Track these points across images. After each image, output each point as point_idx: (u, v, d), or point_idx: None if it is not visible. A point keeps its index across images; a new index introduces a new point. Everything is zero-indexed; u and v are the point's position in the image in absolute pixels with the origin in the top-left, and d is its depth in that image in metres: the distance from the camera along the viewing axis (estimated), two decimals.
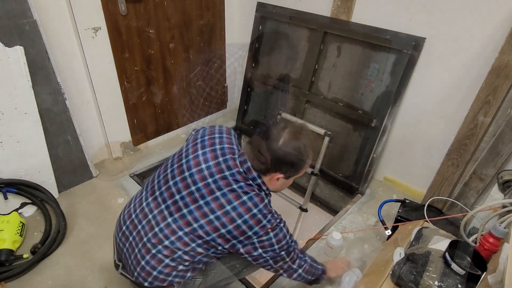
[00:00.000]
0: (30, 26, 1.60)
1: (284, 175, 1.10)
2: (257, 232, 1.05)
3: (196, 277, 1.17)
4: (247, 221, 1.04)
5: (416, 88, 1.83)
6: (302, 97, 2.19)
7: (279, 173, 1.08)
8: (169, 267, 1.07)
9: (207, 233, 1.06)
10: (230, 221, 1.04)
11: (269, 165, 1.07)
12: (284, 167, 1.08)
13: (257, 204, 1.06)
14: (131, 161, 2.30)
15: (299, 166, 1.10)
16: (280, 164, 1.07)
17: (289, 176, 1.12)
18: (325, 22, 2.00)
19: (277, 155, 1.05)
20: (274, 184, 1.13)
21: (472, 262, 1.14)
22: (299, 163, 1.09)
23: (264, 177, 1.11)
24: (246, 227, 1.04)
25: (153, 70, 2.24)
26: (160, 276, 1.08)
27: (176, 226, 1.07)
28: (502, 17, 1.47)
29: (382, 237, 1.75)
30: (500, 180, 1.50)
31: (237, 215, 1.04)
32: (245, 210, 1.04)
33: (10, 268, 1.48)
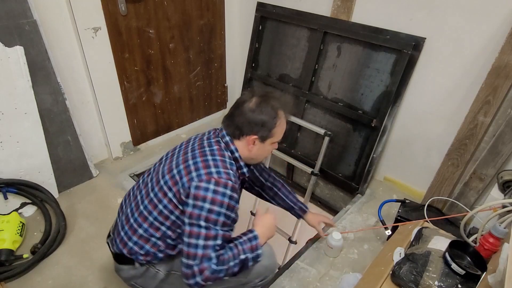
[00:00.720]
0: (30, 26, 1.60)
1: (257, 136, 1.12)
2: (200, 175, 1.03)
3: (159, 268, 1.19)
4: (197, 162, 1.07)
5: (416, 88, 1.83)
6: (302, 97, 2.19)
7: (252, 134, 1.12)
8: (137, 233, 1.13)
9: (163, 175, 1.12)
10: (183, 161, 1.10)
11: (241, 127, 1.12)
12: (255, 127, 1.11)
13: (214, 154, 1.10)
14: (131, 161, 2.30)
15: (270, 125, 1.12)
16: (250, 124, 1.11)
17: (264, 137, 1.13)
18: (325, 22, 2.00)
19: (247, 116, 1.11)
20: (251, 149, 1.15)
21: (472, 262, 1.14)
22: (269, 121, 1.11)
23: (239, 142, 1.15)
24: (193, 167, 1.06)
25: (153, 70, 2.24)
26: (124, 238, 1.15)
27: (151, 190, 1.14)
28: (502, 17, 1.47)
29: (382, 237, 1.75)
30: (500, 180, 1.50)
31: (191, 156, 1.10)
32: (201, 154, 1.10)
33: (10, 268, 1.48)
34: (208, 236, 1.01)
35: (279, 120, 1.14)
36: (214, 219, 1.01)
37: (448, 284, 1.04)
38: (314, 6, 2.06)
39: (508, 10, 1.45)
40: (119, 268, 1.21)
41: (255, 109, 1.11)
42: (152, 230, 1.12)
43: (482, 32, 1.55)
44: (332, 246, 1.61)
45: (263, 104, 1.11)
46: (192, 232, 1.01)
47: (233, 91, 2.87)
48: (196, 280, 0.99)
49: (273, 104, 1.13)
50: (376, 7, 1.82)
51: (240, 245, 1.08)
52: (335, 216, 1.96)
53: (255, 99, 1.13)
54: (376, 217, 1.87)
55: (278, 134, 1.17)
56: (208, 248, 1.00)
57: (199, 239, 1.00)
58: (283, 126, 1.18)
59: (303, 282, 1.53)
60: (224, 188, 1.02)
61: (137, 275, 1.19)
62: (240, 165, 1.16)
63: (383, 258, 1.27)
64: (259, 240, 1.13)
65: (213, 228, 1.01)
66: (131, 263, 1.17)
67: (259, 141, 1.14)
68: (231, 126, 1.14)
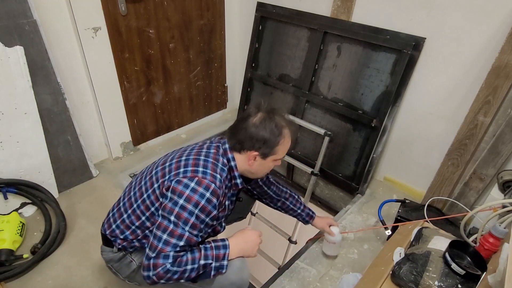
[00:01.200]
0: (30, 26, 1.60)
1: (258, 153, 1.11)
2: (186, 172, 1.04)
3: (133, 257, 1.21)
4: (189, 160, 1.08)
5: (416, 88, 1.83)
6: (302, 97, 2.19)
7: (253, 150, 1.11)
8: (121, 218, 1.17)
9: (155, 167, 1.14)
10: (178, 157, 1.12)
11: (243, 142, 1.11)
12: (256, 144, 1.10)
13: (208, 156, 1.10)
14: (131, 161, 2.30)
15: (272, 143, 1.11)
16: (252, 140, 1.10)
17: (265, 154, 1.12)
18: (325, 22, 2.00)
19: (249, 131, 1.10)
20: (252, 165, 1.14)
21: (472, 262, 1.14)
22: (271, 139, 1.10)
23: (239, 155, 1.14)
24: (184, 163, 1.07)
25: (153, 70, 2.24)
26: (111, 219, 1.20)
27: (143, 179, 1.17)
28: (502, 17, 1.47)
29: (382, 237, 1.75)
30: (500, 180, 1.50)
31: (186, 154, 1.12)
32: (196, 153, 1.11)
33: (10, 268, 1.48)
34: (173, 233, 1.00)
35: (283, 138, 1.12)
36: (185, 218, 1.00)
37: (448, 284, 1.03)
38: (314, 6, 2.06)
39: (508, 10, 1.45)
40: (103, 249, 1.26)
41: (258, 125, 1.09)
42: (134, 217, 1.14)
43: (482, 32, 1.55)
44: (334, 241, 1.56)
45: (267, 121, 1.10)
46: (160, 224, 1.02)
47: (233, 91, 2.87)
48: (149, 274, 0.99)
49: (277, 121, 1.11)
50: (376, 7, 1.82)
51: (204, 250, 1.05)
52: (335, 216, 1.96)
53: (260, 115, 1.11)
54: (376, 217, 1.87)
55: (281, 152, 1.15)
56: (168, 245, 0.99)
57: (164, 233, 1.00)
58: (287, 145, 1.16)
59: (303, 282, 1.53)
60: (205, 189, 1.01)
61: (114, 259, 1.23)
62: (235, 175, 1.15)
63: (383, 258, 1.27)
64: (228, 251, 1.08)
65: (181, 226, 1.00)
66: (112, 246, 1.21)
67: (260, 158, 1.13)
68: (233, 139, 1.14)
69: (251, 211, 2.38)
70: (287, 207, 1.54)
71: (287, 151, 1.19)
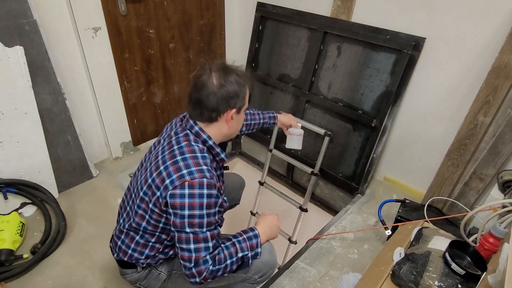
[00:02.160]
0: (30, 26, 1.60)
1: (235, 109, 1.10)
2: (173, 181, 0.99)
3: (161, 269, 1.21)
4: (168, 167, 1.02)
5: (416, 88, 1.83)
6: (302, 97, 2.19)
7: (229, 109, 1.09)
8: (134, 241, 1.15)
9: (141, 187, 1.09)
10: (156, 169, 1.05)
11: (218, 107, 1.06)
12: (231, 101, 1.08)
13: (184, 152, 1.04)
14: (131, 161, 2.30)
15: (243, 93, 1.10)
16: (227, 100, 1.07)
17: (239, 108, 1.12)
18: (325, 22, 2.00)
19: (219, 94, 1.05)
20: (231, 125, 1.13)
21: (472, 262, 1.14)
22: (241, 90, 1.09)
23: (215, 124, 1.10)
24: (165, 173, 1.02)
25: (153, 70, 2.24)
26: (122, 246, 1.17)
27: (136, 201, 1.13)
28: (502, 17, 1.47)
29: (382, 237, 1.75)
30: (500, 180, 1.50)
31: (162, 162, 1.05)
32: (170, 156, 1.05)
33: (10, 268, 1.48)
34: (197, 239, 1.01)
35: (247, 85, 1.12)
36: (198, 223, 1.00)
37: (448, 284, 1.03)
38: (314, 6, 2.06)
39: (508, 10, 1.45)
40: (124, 272, 1.23)
41: (224, 83, 1.06)
42: (148, 236, 1.13)
43: (482, 32, 1.55)
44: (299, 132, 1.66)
45: (228, 76, 1.07)
46: (180, 238, 1.02)
47: None
48: (196, 280, 1.02)
49: (235, 72, 1.09)
50: (376, 7, 1.82)
51: (238, 244, 1.09)
52: (335, 216, 1.96)
53: (216, 74, 1.06)
54: (376, 217, 1.86)
55: (247, 99, 1.15)
56: (200, 251, 1.01)
57: (189, 244, 1.01)
58: (248, 88, 1.16)
59: (303, 282, 1.53)
60: (200, 188, 0.99)
61: (141, 278, 1.21)
62: (217, 152, 1.13)
63: (383, 258, 1.27)
64: (259, 239, 1.13)
65: (200, 231, 1.00)
66: (134, 267, 1.19)
67: (236, 114, 1.11)
68: (205, 111, 1.07)
69: (251, 211, 2.38)
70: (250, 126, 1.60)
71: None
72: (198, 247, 1.01)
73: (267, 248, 1.23)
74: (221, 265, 1.04)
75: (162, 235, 1.13)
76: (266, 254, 1.22)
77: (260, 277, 1.26)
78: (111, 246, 1.27)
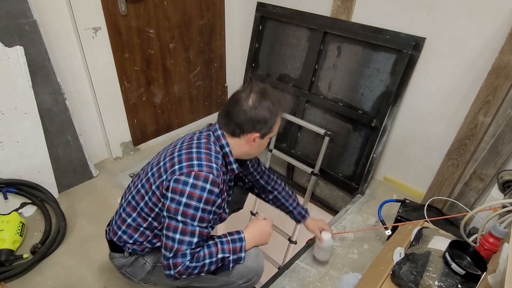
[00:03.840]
0: (30, 26, 1.60)
1: (259, 134, 1.11)
2: (181, 168, 1.03)
3: (146, 259, 1.22)
4: (181, 155, 1.06)
5: (416, 88, 1.83)
6: (302, 97, 2.19)
7: (254, 132, 1.10)
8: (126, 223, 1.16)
9: (151, 169, 1.12)
10: (170, 154, 1.09)
11: (243, 125, 1.09)
12: (258, 125, 1.09)
13: (200, 147, 1.08)
14: (131, 161, 2.30)
15: (272, 122, 1.11)
16: (253, 123, 1.09)
17: (264, 134, 1.13)
18: (325, 22, 2.00)
19: (249, 114, 1.08)
20: (251, 146, 1.14)
21: (472, 262, 1.14)
22: (271, 118, 1.11)
23: (237, 140, 1.13)
24: (177, 160, 1.05)
25: (153, 70, 2.24)
26: (114, 227, 1.19)
27: (140, 181, 1.15)
28: (502, 17, 1.47)
29: (382, 237, 1.75)
30: (500, 180, 1.50)
31: (177, 150, 1.09)
32: (186, 147, 1.09)
33: (10, 268, 1.48)
34: (185, 231, 1.01)
35: (278, 116, 1.14)
36: (192, 214, 1.01)
37: (448, 284, 1.03)
38: (314, 6, 2.06)
39: (508, 10, 1.45)
40: (112, 256, 1.25)
41: (257, 106, 1.08)
42: (140, 219, 1.14)
43: (482, 32, 1.55)
44: (322, 248, 1.53)
45: (264, 101, 1.09)
46: (169, 225, 1.02)
47: (233, 91, 2.86)
48: (170, 272, 1.02)
49: (272, 100, 1.11)
50: (376, 7, 1.82)
51: (221, 244, 1.08)
52: (335, 216, 1.96)
53: (254, 95, 1.10)
54: (376, 217, 1.87)
55: (276, 130, 1.17)
56: (183, 244, 1.01)
57: (176, 233, 1.01)
58: (279, 121, 1.18)
59: (303, 282, 1.53)
60: (204, 182, 1.01)
61: (126, 264, 1.22)
62: (230, 161, 1.15)
63: (383, 258, 1.27)
64: (244, 243, 1.12)
65: (190, 223, 1.01)
66: (121, 251, 1.20)
67: (260, 138, 1.13)
68: (231, 124, 1.11)
69: (251, 211, 2.38)
70: (279, 202, 1.52)
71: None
72: (182, 239, 1.01)
73: (253, 253, 1.18)
74: (199, 263, 1.03)
75: (154, 222, 1.13)
76: (252, 259, 1.17)
77: (244, 283, 1.21)
78: (106, 229, 1.28)
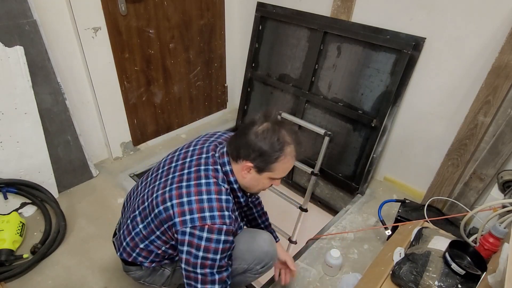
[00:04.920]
0: (30, 26, 1.60)
1: (253, 165, 1.03)
2: (194, 220, 0.98)
3: (165, 267, 1.21)
4: (191, 203, 1.00)
5: (416, 88, 1.83)
6: (302, 97, 2.19)
7: (248, 161, 1.03)
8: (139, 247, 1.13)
9: (157, 205, 1.05)
10: (178, 196, 1.02)
11: (239, 149, 1.03)
12: (252, 154, 1.01)
13: (210, 192, 1.01)
14: (131, 161, 2.30)
15: (269, 157, 1.01)
16: (248, 149, 1.01)
17: (260, 169, 1.04)
18: (325, 22, 2.00)
19: (248, 139, 1.01)
20: (244, 176, 1.06)
21: (472, 262, 1.14)
22: (268, 153, 1.00)
23: (235, 165, 1.07)
24: (187, 208, 1.00)
25: (153, 70, 2.24)
26: (127, 248, 1.14)
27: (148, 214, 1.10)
28: (502, 17, 1.47)
29: (382, 237, 1.75)
30: (500, 180, 1.50)
31: (186, 193, 1.02)
32: (196, 191, 1.01)
33: (10, 268, 1.48)
34: (205, 281, 1.01)
35: (283, 156, 1.02)
36: (210, 265, 1.00)
37: (448, 284, 1.04)
38: (314, 6, 2.06)
39: (508, 10, 1.45)
40: (128, 269, 1.22)
41: (259, 134, 1.00)
42: (153, 247, 1.12)
43: (482, 32, 1.55)
44: (331, 264, 1.52)
45: (270, 132, 1.00)
46: (189, 276, 1.02)
47: (233, 91, 2.87)
48: None
49: (282, 135, 1.01)
50: (376, 7, 1.82)
51: None
52: (335, 216, 1.96)
53: (265, 124, 1.02)
54: (376, 217, 1.86)
55: (279, 171, 1.05)
56: (212, 272, 1.01)
57: (197, 283, 1.02)
58: (287, 165, 1.06)
59: (303, 282, 1.53)
60: (218, 234, 0.98)
61: (145, 275, 1.21)
62: (237, 195, 1.11)
63: (383, 258, 1.27)
64: None
65: (209, 273, 1.01)
66: (138, 265, 1.19)
67: (255, 171, 1.05)
68: (232, 145, 1.06)
69: None
70: (252, 215, 1.45)
71: (287, 172, 1.09)
72: (206, 257, 1.00)
73: (267, 239, 1.25)
74: None
75: (169, 250, 1.12)
76: (267, 244, 1.24)
77: (262, 268, 1.26)
78: (114, 241, 1.26)
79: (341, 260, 1.54)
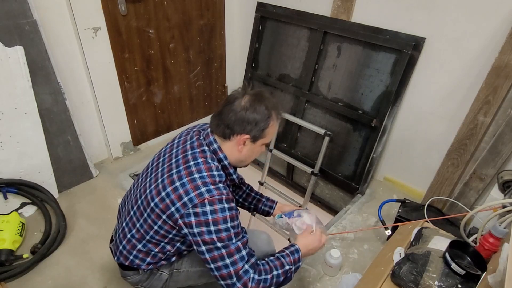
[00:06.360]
0: (30, 26, 1.60)
1: (249, 136, 1.08)
2: (192, 199, 0.99)
3: (163, 270, 1.21)
4: (185, 184, 1.01)
5: (416, 88, 1.83)
6: (302, 97, 2.19)
7: (244, 134, 1.07)
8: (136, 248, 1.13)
9: (152, 198, 1.06)
10: (170, 183, 1.04)
11: (233, 126, 1.07)
12: (247, 126, 1.06)
13: (201, 170, 1.03)
14: (131, 161, 2.30)
15: (263, 125, 1.08)
16: (243, 123, 1.06)
17: (256, 137, 1.09)
18: (325, 22, 2.00)
19: (239, 114, 1.06)
20: (241, 150, 1.11)
21: (472, 262, 1.14)
22: (263, 121, 1.07)
23: (228, 143, 1.10)
24: (183, 190, 1.00)
25: (153, 70, 2.24)
26: (124, 252, 1.15)
27: (144, 211, 1.10)
28: (502, 17, 1.47)
29: (382, 237, 1.75)
30: (500, 180, 1.50)
31: (177, 177, 1.03)
32: (187, 173, 1.03)
33: (10, 268, 1.48)
34: (231, 253, 1.00)
35: (272, 121, 1.10)
36: (227, 235, 0.99)
37: (448, 284, 1.03)
38: (314, 6, 2.06)
39: (508, 10, 1.45)
40: (125, 274, 1.22)
41: (248, 107, 1.06)
42: (151, 245, 1.12)
43: (482, 32, 1.55)
44: (331, 264, 1.53)
45: (257, 103, 1.07)
46: (214, 257, 1.00)
47: None
48: None
49: (266, 103, 1.09)
50: (376, 7, 1.82)
51: (282, 258, 1.11)
52: (335, 216, 1.96)
53: (247, 97, 1.08)
54: (376, 217, 1.86)
55: (269, 136, 1.13)
56: (237, 263, 1.01)
57: (224, 259, 1.00)
58: (275, 128, 1.14)
59: (303, 282, 1.53)
60: (220, 203, 0.99)
61: (142, 279, 1.21)
62: (230, 172, 1.13)
63: (383, 258, 1.27)
64: (300, 254, 1.16)
65: (230, 243, 1.00)
66: (135, 269, 1.19)
67: (250, 142, 1.10)
68: (221, 125, 1.09)
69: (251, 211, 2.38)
70: (248, 196, 1.47)
71: (275, 133, 1.16)
72: (233, 260, 1.00)
73: (265, 239, 1.27)
74: (267, 275, 1.04)
75: (167, 246, 1.12)
76: (265, 244, 1.25)
77: None
78: (111, 247, 1.26)
79: (341, 260, 1.54)
